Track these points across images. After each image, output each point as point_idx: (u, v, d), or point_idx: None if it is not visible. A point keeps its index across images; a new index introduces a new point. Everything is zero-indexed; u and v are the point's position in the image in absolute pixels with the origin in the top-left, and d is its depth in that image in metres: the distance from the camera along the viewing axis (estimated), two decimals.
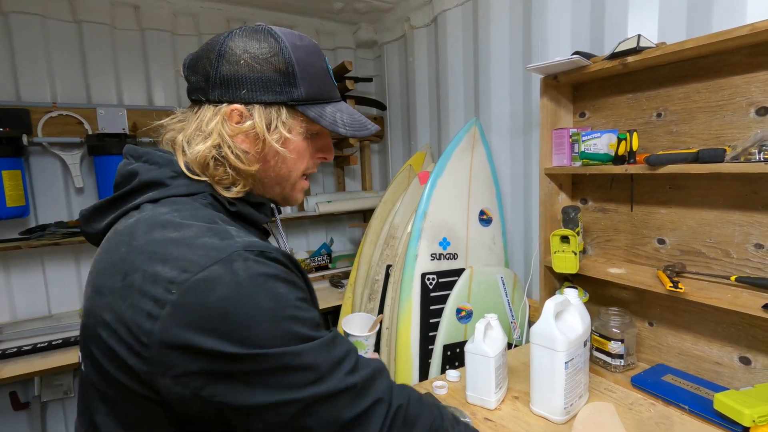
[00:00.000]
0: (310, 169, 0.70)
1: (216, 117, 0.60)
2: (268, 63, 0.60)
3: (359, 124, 0.68)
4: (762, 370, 1.00)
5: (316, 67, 0.64)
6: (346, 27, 2.58)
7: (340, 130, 0.64)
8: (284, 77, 0.60)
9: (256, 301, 0.49)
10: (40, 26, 1.82)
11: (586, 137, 1.21)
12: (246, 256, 0.52)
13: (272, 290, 0.52)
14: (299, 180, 0.69)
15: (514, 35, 1.67)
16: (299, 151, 0.66)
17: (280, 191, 0.69)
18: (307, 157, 0.68)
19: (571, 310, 1.03)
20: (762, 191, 0.98)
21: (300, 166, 0.67)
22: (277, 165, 0.65)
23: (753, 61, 0.97)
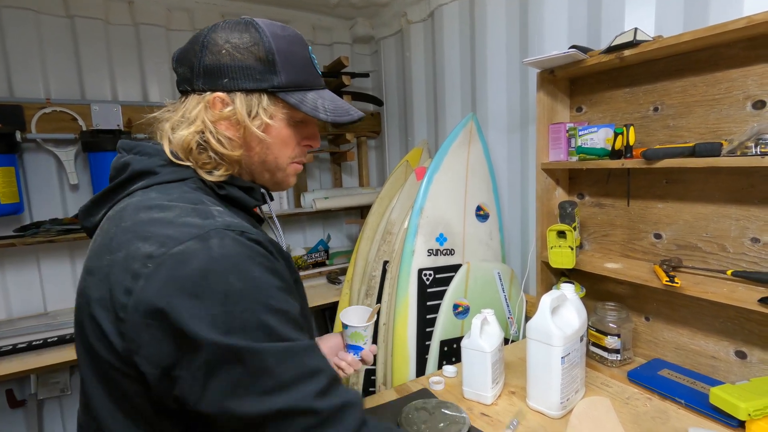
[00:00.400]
0: (299, 157, 0.70)
1: (199, 105, 0.62)
2: (248, 52, 0.61)
3: (341, 110, 0.68)
4: (758, 364, 1.00)
5: (298, 56, 0.65)
6: (342, 22, 2.57)
7: (320, 115, 0.64)
8: (265, 65, 0.62)
9: (225, 279, 0.48)
10: (33, 21, 1.80)
11: (582, 132, 1.21)
12: (224, 234, 0.51)
13: (246, 271, 0.50)
14: (288, 166, 0.69)
15: (510, 29, 1.66)
16: (283, 138, 0.66)
17: (269, 177, 0.69)
18: (292, 144, 0.68)
19: (567, 305, 1.03)
20: (758, 185, 0.98)
21: (286, 152, 0.68)
22: (262, 151, 0.66)
23: (750, 54, 0.96)
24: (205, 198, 0.60)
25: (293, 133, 0.67)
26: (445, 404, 0.99)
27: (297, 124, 0.68)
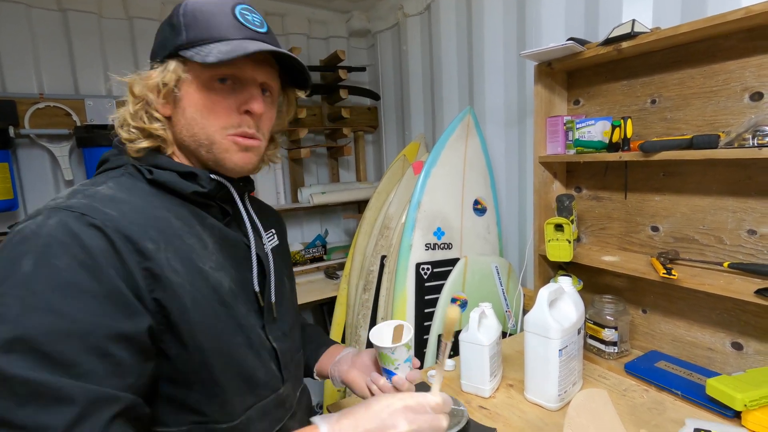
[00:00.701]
0: (237, 127, 0.62)
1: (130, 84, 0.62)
2: (166, 22, 0.62)
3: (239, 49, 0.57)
4: (753, 355, 1.01)
5: (211, 12, 0.60)
6: (338, 15, 2.55)
7: (207, 59, 0.56)
8: (173, 29, 0.61)
9: (18, 257, 0.44)
10: (24, 15, 1.77)
11: (580, 125, 1.21)
12: (55, 212, 0.48)
13: (47, 255, 0.45)
14: (225, 139, 0.62)
15: (508, 22, 1.65)
16: (204, 104, 0.60)
17: (210, 156, 0.63)
18: (222, 111, 0.61)
19: (565, 298, 1.03)
20: (756, 177, 0.98)
21: (214, 122, 0.61)
22: (188, 124, 0.61)
23: (748, 45, 0.96)
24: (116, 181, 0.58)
25: (219, 98, 0.61)
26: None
27: (224, 87, 0.61)
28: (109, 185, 0.57)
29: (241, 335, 0.62)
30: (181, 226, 0.59)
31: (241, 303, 0.63)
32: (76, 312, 0.45)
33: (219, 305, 0.59)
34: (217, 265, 0.61)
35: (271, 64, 0.66)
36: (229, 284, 0.62)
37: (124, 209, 0.54)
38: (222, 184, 0.65)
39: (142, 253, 0.51)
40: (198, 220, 0.62)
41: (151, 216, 0.56)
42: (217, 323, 0.59)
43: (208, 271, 0.59)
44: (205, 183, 0.62)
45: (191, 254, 0.58)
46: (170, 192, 0.61)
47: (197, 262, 0.58)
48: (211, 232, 0.63)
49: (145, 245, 0.52)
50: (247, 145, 0.64)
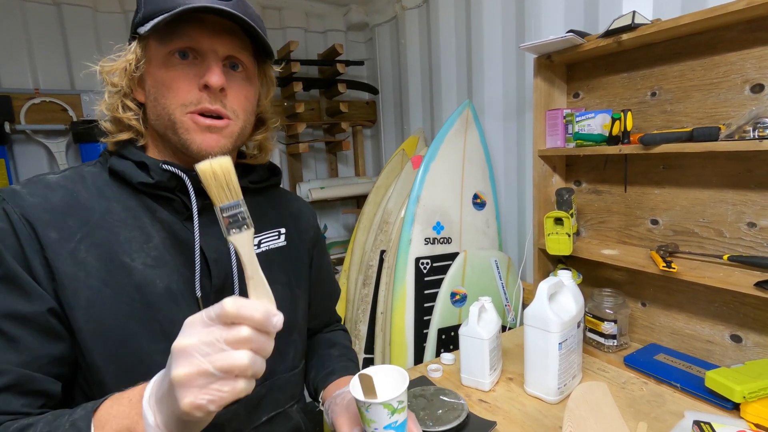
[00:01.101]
0: (195, 105, 0.58)
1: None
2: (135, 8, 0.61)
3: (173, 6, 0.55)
4: (752, 348, 1.01)
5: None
6: (336, 9, 2.52)
7: (147, 26, 0.55)
8: (136, 10, 0.59)
9: None
10: (18, 9, 1.75)
11: (579, 118, 1.20)
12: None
13: None
14: (184, 117, 0.58)
15: (507, 14, 1.63)
16: (163, 82, 0.57)
17: (176, 139, 0.59)
18: (181, 88, 0.57)
19: (564, 292, 1.03)
20: (756, 169, 0.97)
21: (173, 99, 0.57)
22: (152, 104, 0.59)
23: (748, 37, 0.95)
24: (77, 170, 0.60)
25: (178, 75, 0.57)
26: (443, 391, 1.00)
27: (184, 63, 0.57)
28: (64, 174, 0.59)
29: (165, 342, 0.52)
30: (125, 217, 0.58)
31: (179, 306, 0.58)
32: None
33: (140, 305, 0.55)
34: (157, 261, 0.58)
35: (240, 36, 0.61)
36: (167, 284, 0.57)
37: (50, 197, 0.55)
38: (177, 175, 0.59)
39: (41, 240, 0.52)
40: (148, 212, 0.59)
41: (79, 206, 0.56)
42: (128, 325, 0.55)
43: (135, 267, 0.56)
44: (154, 174, 0.59)
45: (117, 247, 0.55)
46: (126, 183, 0.60)
47: (122, 256, 0.55)
48: (161, 226, 0.60)
49: (47, 233, 0.52)
50: (208, 124, 0.58)
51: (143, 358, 0.55)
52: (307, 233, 0.80)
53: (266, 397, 0.67)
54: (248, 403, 0.64)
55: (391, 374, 0.65)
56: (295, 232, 0.76)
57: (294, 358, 0.73)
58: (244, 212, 0.47)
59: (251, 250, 0.46)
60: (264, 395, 0.67)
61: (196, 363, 0.39)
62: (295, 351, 0.74)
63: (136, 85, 0.60)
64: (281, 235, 0.73)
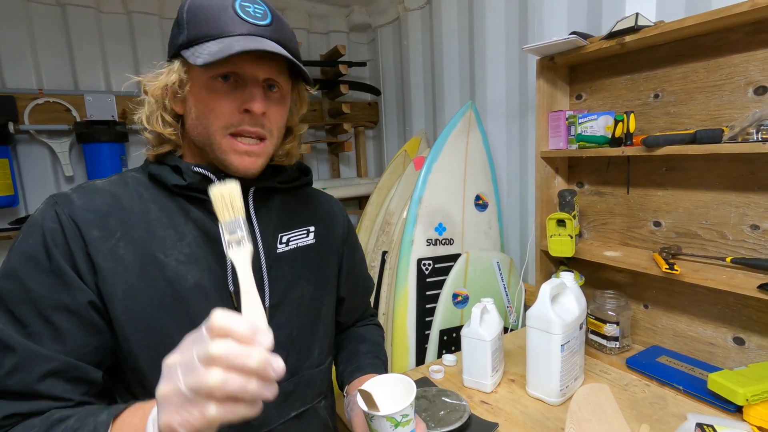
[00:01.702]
0: (237, 126, 0.61)
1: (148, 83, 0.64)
2: (174, 20, 0.62)
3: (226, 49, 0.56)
4: (755, 350, 1.01)
5: (210, 8, 0.59)
6: (338, 10, 2.53)
7: (197, 60, 0.56)
8: (178, 28, 0.61)
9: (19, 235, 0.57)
10: (22, 10, 1.76)
11: (582, 119, 1.20)
12: (48, 199, 0.59)
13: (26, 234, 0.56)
14: (225, 139, 0.61)
15: (510, 16, 1.63)
16: (206, 104, 0.60)
17: (214, 156, 0.63)
18: (223, 111, 0.60)
19: (566, 293, 1.03)
20: (759, 171, 0.97)
21: (214, 121, 0.60)
22: (195, 123, 0.63)
23: (753, 39, 0.95)
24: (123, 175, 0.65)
25: (220, 97, 0.60)
26: (445, 392, 1.00)
27: (226, 86, 0.60)
28: (111, 179, 0.64)
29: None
30: (161, 216, 0.62)
31: (208, 301, 0.61)
32: (32, 282, 0.54)
33: (171, 299, 0.59)
34: (189, 258, 0.61)
35: (278, 60, 0.63)
36: (197, 280, 0.61)
37: (95, 200, 0.60)
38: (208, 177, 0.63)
39: (85, 238, 0.57)
40: (182, 212, 0.63)
41: (120, 207, 0.60)
42: (160, 317, 0.59)
43: (168, 263, 0.60)
44: (187, 176, 0.63)
45: (152, 245, 0.60)
46: (162, 185, 0.64)
47: (156, 252, 0.60)
48: (194, 225, 0.64)
49: (90, 232, 0.57)
50: (246, 150, 0.62)
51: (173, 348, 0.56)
52: (337, 231, 0.83)
53: (294, 393, 0.70)
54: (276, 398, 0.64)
55: (399, 385, 0.65)
56: (324, 231, 0.79)
57: (320, 355, 0.76)
58: (243, 230, 0.52)
59: (248, 267, 0.50)
60: (292, 391, 0.70)
61: (173, 380, 0.38)
62: (320, 348, 0.76)
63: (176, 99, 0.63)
64: (310, 233, 0.77)
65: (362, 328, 0.94)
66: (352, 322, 0.94)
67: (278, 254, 0.70)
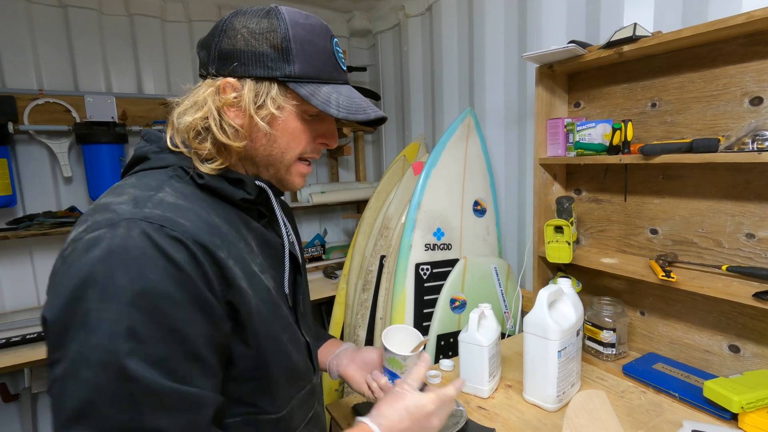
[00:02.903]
0: (309, 153, 0.67)
1: (209, 89, 0.60)
2: (263, 38, 0.59)
3: (356, 107, 0.63)
4: (751, 358, 1.02)
5: (317, 46, 0.61)
6: (339, 15, 2.55)
7: (331, 110, 0.59)
8: (278, 53, 0.59)
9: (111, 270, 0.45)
10: (24, 11, 1.77)
11: (580, 127, 1.21)
12: (135, 224, 0.48)
13: (140, 268, 0.45)
14: (295, 163, 0.66)
15: (509, 24, 1.65)
16: (293, 132, 0.63)
17: (274, 173, 0.66)
18: (304, 140, 0.65)
19: (564, 300, 1.03)
20: (754, 181, 0.98)
21: (295, 148, 0.64)
22: (268, 144, 0.63)
23: (748, 50, 0.96)
24: (171, 186, 0.56)
25: (306, 128, 0.64)
26: None
27: (311, 119, 0.64)
28: (168, 191, 0.55)
29: (288, 332, 0.65)
30: (230, 230, 0.60)
31: (281, 301, 0.66)
32: (174, 322, 0.47)
33: (272, 305, 0.62)
34: (262, 267, 0.64)
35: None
36: (272, 284, 0.65)
37: (192, 218, 0.53)
38: (263, 189, 0.66)
39: (217, 261, 0.53)
40: (243, 224, 0.64)
41: (211, 223, 0.56)
42: (272, 322, 0.62)
43: (258, 274, 0.62)
44: (251, 189, 0.64)
45: (245, 258, 0.60)
46: (219, 197, 0.62)
47: (251, 264, 0.61)
48: (255, 234, 0.66)
49: (218, 253, 0.53)
50: (308, 171, 0.69)
51: (283, 348, 0.64)
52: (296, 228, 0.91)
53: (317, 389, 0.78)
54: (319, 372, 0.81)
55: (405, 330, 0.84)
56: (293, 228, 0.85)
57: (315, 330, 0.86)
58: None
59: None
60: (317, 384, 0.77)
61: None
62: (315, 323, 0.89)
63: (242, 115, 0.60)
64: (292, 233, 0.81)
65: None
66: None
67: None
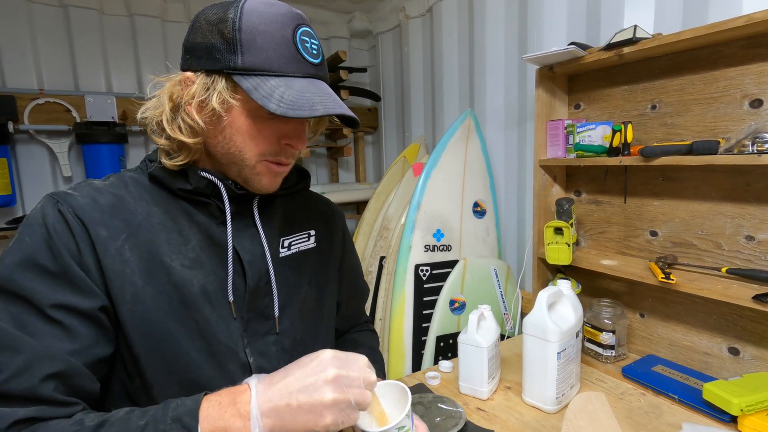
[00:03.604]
0: (274, 155, 0.61)
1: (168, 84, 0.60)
2: (216, 29, 0.56)
3: (304, 102, 0.55)
4: (750, 361, 1.02)
5: (272, 36, 0.55)
6: (340, 16, 2.55)
7: (270, 105, 0.53)
8: (227, 44, 0.55)
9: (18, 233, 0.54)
10: (25, 11, 1.77)
11: (580, 129, 1.21)
12: (46, 198, 0.56)
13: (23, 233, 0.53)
14: (259, 163, 0.61)
15: (509, 25, 1.65)
16: (247, 131, 0.59)
17: (238, 172, 0.62)
18: (261, 140, 0.59)
19: (563, 301, 1.03)
20: (754, 183, 0.98)
21: (253, 147, 0.60)
22: (225, 142, 0.59)
23: (748, 53, 0.97)
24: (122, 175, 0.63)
25: (263, 127, 0.59)
26: (441, 399, 1.00)
27: (271, 117, 0.58)
28: (108, 180, 0.62)
29: (201, 340, 0.59)
30: (165, 220, 0.60)
31: (213, 307, 0.61)
32: (33, 284, 0.51)
33: (178, 304, 0.58)
34: (193, 263, 0.60)
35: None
36: (203, 284, 0.60)
37: (98, 198, 0.57)
38: (214, 183, 0.62)
39: (93, 239, 0.54)
40: (186, 216, 0.62)
41: (124, 208, 0.58)
42: (167, 322, 0.57)
43: (174, 267, 0.58)
44: (193, 180, 0.61)
45: (158, 248, 0.58)
46: (165, 187, 0.62)
47: (162, 256, 0.58)
48: (198, 229, 0.63)
49: (98, 232, 0.55)
50: (278, 171, 0.63)
51: (182, 356, 0.58)
52: (337, 234, 0.83)
53: None
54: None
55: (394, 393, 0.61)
56: (324, 234, 0.79)
57: None
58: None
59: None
60: None
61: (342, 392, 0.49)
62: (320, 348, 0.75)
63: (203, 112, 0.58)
64: (311, 237, 0.76)
65: (357, 334, 0.93)
66: (348, 328, 0.94)
67: (281, 258, 0.70)
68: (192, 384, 0.59)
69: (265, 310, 0.66)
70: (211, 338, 0.60)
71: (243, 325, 0.64)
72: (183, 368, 0.58)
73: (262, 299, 0.66)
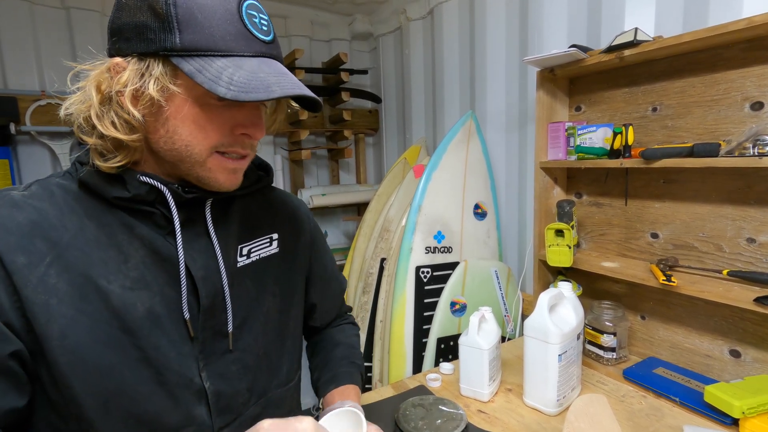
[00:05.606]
0: (228, 147, 0.54)
1: (93, 73, 0.52)
2: (145, 4, 0.48)
3: (258, 84, 0.48)
4: (752, 363, 1.02)
5: (214, 10, 0.48)
6: (341, 18, 2.55)
7: (219, 89, 0.46)
8: (161, 21, 0.47)
9: None
10: (27, 12, 1.77)
11: (581, 131, 1.21)
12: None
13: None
14: (211, 158, 0.53)
15: (510, 28, 1.66)
16: (194, 121, 0.51)
17: (188, 170, 0.54)
18: (212, 130, 0.52)
19: (564, 304, 1.03)
20: (755, 185, 0.99)
21: (202, 140, 0.52)
22: (168, 136, 0.51)
23: (748, 55, 0.97)
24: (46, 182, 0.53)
25: (213, 115, 0.51)
26: (442, 401, 0.99)
27: (222, 104, 0.51)
28: (31, 189, 0.53)
29: (148, 369, 0.52)
30: (99, 235, 0.52)
31: (162, 330, 0.54)
32: None
33: (119, 332, 0.51)
34: (136, 283, 0.53)
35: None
36: (149, 307, 0.53)
37: (15, 216, 0.49)
38: (156, 187, 0.53)
39: (7, 268, 0.46)
40: (125, 229, 0.53)
41: (48, 225, 0.50)
42: (106, 355, 0.50)
43: (112, 291, 0.51)
44: (131, 187, 0.52)
45: (91, 270, 0.50)
46: (98, 196, 0.53)
47: (97, 279, 0.50)
48: (141, 243, 0.54)
49: (13, 259, 0.47)
50: (234, 167, 0.56)
51: (126, 389, 0.52)
52: (304, 236, 0.76)
53: (262, 415, 0.62)
54: (243, 424, 0.62)
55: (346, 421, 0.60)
56: (289, 237, 0.72)
57: (288, 372, 0.71)
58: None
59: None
60: (260, 413, 0.64)
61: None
62: (289, 365, 0.71)
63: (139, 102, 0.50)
64: (273, 241, 0.69)
65: (336, 330, 0.89)
66: (326, 324, 0.90)
67: (239, 268, 0.63)
68: (138, 419, 0.52)
69: (223, 328, 0.59)
70: (160, 366, 0.53)
71: (198, 346, 0.57)
72: (127, 403, 0.51)
73: (219, 316, 0.59)
